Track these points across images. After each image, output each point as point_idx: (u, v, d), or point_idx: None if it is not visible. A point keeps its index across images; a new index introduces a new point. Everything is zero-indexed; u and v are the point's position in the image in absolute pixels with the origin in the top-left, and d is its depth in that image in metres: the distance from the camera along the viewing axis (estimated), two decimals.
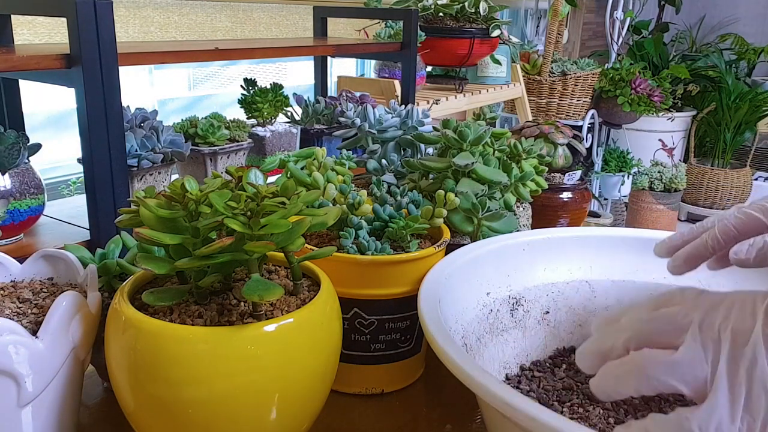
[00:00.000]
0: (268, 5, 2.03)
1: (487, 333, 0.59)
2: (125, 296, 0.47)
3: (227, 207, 0.45)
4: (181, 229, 0.46)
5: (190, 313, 0.47)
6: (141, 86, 1.95)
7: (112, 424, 0.59)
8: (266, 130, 1.22)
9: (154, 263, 0.45)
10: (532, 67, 2.45)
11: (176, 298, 0.47)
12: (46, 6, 0.84)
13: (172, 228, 0.46)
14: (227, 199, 0.45)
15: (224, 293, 0.50)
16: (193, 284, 0.48)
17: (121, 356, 0.45)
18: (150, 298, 0.45)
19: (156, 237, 0.44)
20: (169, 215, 0.46)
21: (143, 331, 0.44)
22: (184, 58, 1.00)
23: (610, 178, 2.90)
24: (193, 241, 0.46)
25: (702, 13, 4.13)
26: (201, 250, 0.43)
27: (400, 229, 0.63)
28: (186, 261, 0.44)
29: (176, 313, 0.47)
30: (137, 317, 0.45)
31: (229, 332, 0.44)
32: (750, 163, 3.52)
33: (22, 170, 0.84)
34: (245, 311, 0.48)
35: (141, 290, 0.50)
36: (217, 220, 0.44)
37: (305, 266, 0.54)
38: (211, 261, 0.44)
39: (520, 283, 0.63)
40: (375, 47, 1.41)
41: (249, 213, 0.45)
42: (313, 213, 0.51)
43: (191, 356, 0.43)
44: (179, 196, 0.46)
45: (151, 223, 0.45)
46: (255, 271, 0.47)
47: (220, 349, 0.43)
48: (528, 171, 0.81)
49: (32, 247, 0.86)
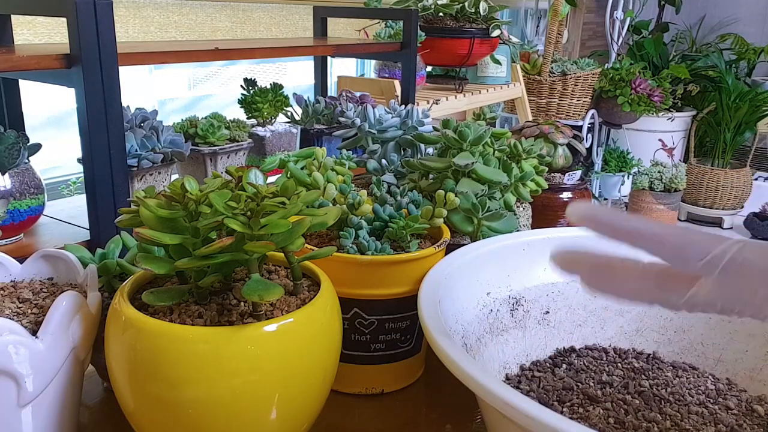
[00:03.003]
0: (268, 5, 2.03)
1: (487, 333, 0.59)
2: (125, 296, 0.47)
3: (227, 207, 0.45)
4: (181, 229, 0.46)
5: (190, 313, 0.47)
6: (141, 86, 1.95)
7: (112, 424, 0.59)
8: (266, 130, 1.22)
9: (154, 263, 0.45)
10: (532, 67, 2.45)
11: (176, 298, 0.46)
12: (46, 6, 0.84)
13: (172, 228, 0.46)
14: (227, 199, 0.45)
15: (224, 293, 0.50)
16: (193, 284, 0.48)
17: (121, 356, 0.45)
18: (150, 298, 0.45)
19: (156, 237, 0.44)
20: (169, 215, 0.46)
21: (143, 331, 0.44)
22: (184, 58, 1.00)
23: (610, 178, 2.90)
24: (193, 241, 0.46)
25: (702, 13, 4.13)
26: (201, 250, 0.44)
27: (400, 229, 0.63)
28: (186, 261, 0.44)
29: (176, 313, 0.47)
30: (137, 317, 0.44)
31: (229, 332, 0.43)
32: (750, 163, 3.51)
33: (22, 170, 0.84)
34: (245, 311, 0.48)
35: (141, 290, 0.50)
36: (217, 220, 0.44)
37: (305, 266, 0.54)
38: (211, 261, 0.44)
39: (520, 283, 0.63)
40: (375, 47, 1.41)
41: (249, 213, 0.45)
42: (313, 213, 0.51)
43: (191, 356, 0.43)
44: (179, 196, 0.46)
45: (151, 223, 0.45)
46: (255, 271, 0.47)
47: (220, 349, 0.43)
48: (528, 171, 0.81)
49: (32, 247, 0.86)
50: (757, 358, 0.60)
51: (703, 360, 0.62)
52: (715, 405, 0.55)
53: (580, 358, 0.62)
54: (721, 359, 0.62)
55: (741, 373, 0.60)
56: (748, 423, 0.53)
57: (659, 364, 0.62)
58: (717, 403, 0.56)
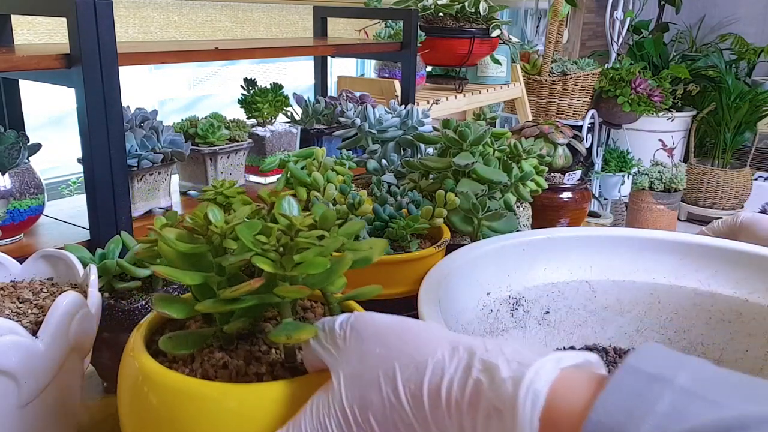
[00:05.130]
0: (268, 5, 2.03)
1: (487, 333, 0.59)
2: (141, 341, 0.42)
3: (256, 242, 0.39)
4: (205, 266, 0.41)
5: (214, 361, 0.41)
6: (141, 86, 1.95)
7: (112, 425, 0.59)
8: (266, 130, 1.22)
9: (173, 306, 0.40)
10: (532, 67, 2.45)
11: (198, 344, 0.41)
12: (46, 6, 0.84)
13: (194, 264, 0.41)
14: (257, 231, 0.40)
15: (253, 336, 0.44)
16: (217, 328, 0.43)
17: (135, 410, 0.40)
18: (168, 345, 0.40)
19: (175, 276, 0.39)
20: (191, 250, 0.41)
21: (161, 385, 0.39)
22: (184, 58, 1.00)
23: (610, 178, 2.90)
24: (217, 279, 0.41)
25: (702, 13, 4.13)
26: (226, 293, 0.38)
27: (400, 229, 0.63)
28: (208, 304, 0.39)
29: (198, 361, 0.41)
30: (154, 369, 0.39)
31: (257, 390, 0.38)
32: (750, 163, 3.52)
33: (22, 170, 0.84)
34: (276, 360, 0.42)
35: (159, 330, 0.45)
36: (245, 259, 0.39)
37: (346, 305, 0.48)
38: (238, 306, 0.39)
39: (520, 283, 0.63)
40: (375, 47, 1.41)
41: (281, 249, 0.40)
42: (356, 248, 0.44)
43: (214, 416, 0.38)
44: (202, 228, 0.41)
45: (171, 258, 0.41)
46: (288, 315, 0.41)
47: (247, 410, 0.38)
48: (528, 171, 0.81)
49: (32, 247, 0.86)
50: (757, 358, 0.60)
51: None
52: None
53: None
54: (721, 359, 0.62)
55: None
56: None
57: None
58: None
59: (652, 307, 0.65)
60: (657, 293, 0.65)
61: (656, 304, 0.65)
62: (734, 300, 0.62)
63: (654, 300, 0.65)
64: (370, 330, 0.37)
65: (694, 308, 0.64)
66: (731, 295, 0.63)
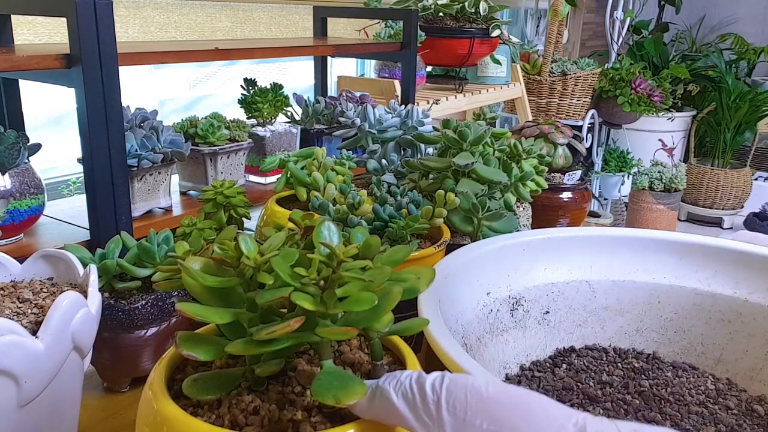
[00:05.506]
0: (268, 5, 2.03)
1: (487, 333, 0.59)
2: (161, 380, 0.37)
3: (295, 275, 0.35)
4: (234, 300, 0.37)
5: (243, 406, 0.37)
6: (141, 86, 1.95)
7: (112, 424, 0.59)
8: (266, 130, 1.22)
9: (200, 348, 0.36)
10: (532, 67, 2.45)
11: (226, 389, 0.37)
12: (46, 6, 0.84)
13: (223, 298, 0.37)
14: (293, 262, 0.36)
15: (285, 376, 0.40)
16: (247, 368, 0.38)
17: None
18: (193, 390, 0.36)
19: (204, 315, 0.35)
20: (220, 284, 0.37)
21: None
22: (184, 58, 1.01)
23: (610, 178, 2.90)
24: (248, 315, 0.37)
25: (702, 13, 4.13)
26: (261, 335, 0.34)
27: (400, 229, 0.63)
28: (240, 346, 0.35)
29: (225, 405, 0.37)
30: (177, 417, 0.35)
31: None
32: (750, 163, 3.52)
33: (22, 170, 0.84)
34: (312, 404, 0.38)
35: (180, 367, 0.41)
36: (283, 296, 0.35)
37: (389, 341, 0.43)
38: (272, 348, 0.35)
39: (520, 283, 0.63)
40: (375, 47, 1.41)
41: (322, 283, 0.35)
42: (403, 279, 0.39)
43: None
44: (233, 260, 0.37)
45: (197, 292, 0.37)
46: (328, 356, 0.37)
47: None
48: (528, 171, 0.81)
49: (32, 247, 0.86)
50: (757, 358, 0.60)
51: (703, 360, 0.62)
52: (715, 405, 0.55)
53: (580, 358, 0.62)
54: (721, 359, 0.62)
55: (741, 373, 0.60)
56: (748, 423, 0.53)
57: (659, 364, 0.62)
58: (717, 403, 0.56)
59: (652, 307, 0.65)
60: (657, 293, 0.65)
61: (656, 304, 0.65)
62: (734, 300, 0.62)
63: (654, 300, 0.65)
64: (472, 398, 0.32)
65: (694, 308, 0.64)
66: (731, 295, 0.63)
